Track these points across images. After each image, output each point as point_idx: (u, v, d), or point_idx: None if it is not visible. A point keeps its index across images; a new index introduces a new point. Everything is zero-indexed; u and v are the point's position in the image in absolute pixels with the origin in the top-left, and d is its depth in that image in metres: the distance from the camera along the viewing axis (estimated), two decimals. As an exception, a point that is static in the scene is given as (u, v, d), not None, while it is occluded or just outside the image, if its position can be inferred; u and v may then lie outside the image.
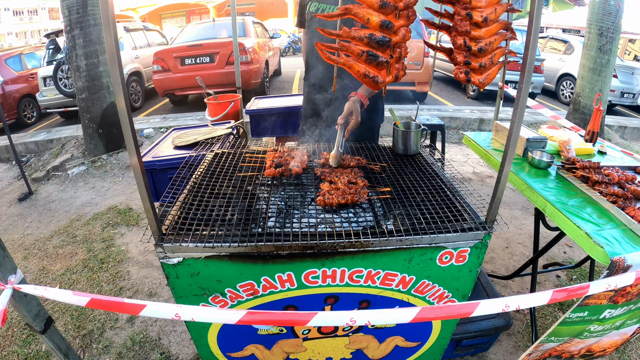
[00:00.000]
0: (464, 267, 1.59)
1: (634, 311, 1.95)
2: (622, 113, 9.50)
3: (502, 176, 1.38)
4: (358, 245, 1.40)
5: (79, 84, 5.55)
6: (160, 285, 3.17)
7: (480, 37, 1.34)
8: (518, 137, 1.27)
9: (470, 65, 1.35)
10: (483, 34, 1.34)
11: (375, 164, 1.97)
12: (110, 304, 1.07)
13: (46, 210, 4.57)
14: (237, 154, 2.16)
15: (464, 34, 1.32)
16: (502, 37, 1.42)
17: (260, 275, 1.48)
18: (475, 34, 1.33)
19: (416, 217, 1.54)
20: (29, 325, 1.34)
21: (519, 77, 1.23)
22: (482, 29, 1.34)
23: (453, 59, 1.38)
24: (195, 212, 1.58)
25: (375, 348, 1.94)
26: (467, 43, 1.32)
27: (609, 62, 6.24)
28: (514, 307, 1.09)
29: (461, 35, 1.33)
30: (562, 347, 2.15)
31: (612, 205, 1.89)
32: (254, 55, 8.26)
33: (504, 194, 1.36)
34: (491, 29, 1.36)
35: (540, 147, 2.41)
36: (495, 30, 1.40)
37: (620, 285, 1.42)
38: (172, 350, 2.60)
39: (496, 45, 1.40)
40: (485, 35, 1.34)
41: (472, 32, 1.32)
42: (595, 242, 1.65)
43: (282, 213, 1.60)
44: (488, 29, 1.35)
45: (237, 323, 0.98)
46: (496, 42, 1.39)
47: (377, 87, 1.36)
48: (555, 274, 3.34)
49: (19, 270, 1.27)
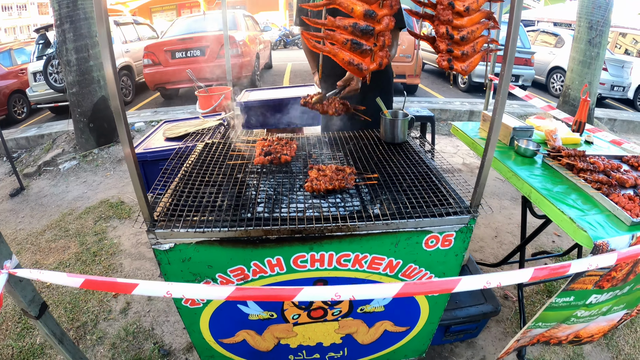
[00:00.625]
0: (449, 251, 1.63)
1: (620, 297, 1.98)
2: (612, 106, 9.60)
3: (486, 161, 1.42)
4: (345, 229, 1.43)
5: (69, 78, 5.53)
6: (152, 276, 3.20)
7: (462, 26, 1.37)
8: (501, 122, 1.30)
9: (452, 53, 1.38)
10: (465, 22, 1.37)
11: (361, 110, 2.00)
12: (104, 284, 1.10)
13: (38, 205, 4.56)
14: (228, 144, 2.19)
15: (446, 23, 1.35)
16: (484, 25, 1.45)
17: (250, 259, 1.51)
18: (457, 22, 1.36)
19: (402, 202, 1.57)
20: (24, 311, 1.36)
21: (501, 63, 1.27)
22: (464, 17, 1.37)
23: (436, 47, 1.41)
24: (186, 199, 1.61)
25: (365, 333, 1.98)
26: (449, 32, 1.35)
27: (599, 54, 6.30)
28: (494, 284, 1.12)
29: (443, 24, 1.36)
30: (550, 333, 2.18)
31: (597, 192, 1.91)
32: (245, 49, 8.25)
33: (494, 185, 1.39)
34: (473, 18, 1.39)
35: (527, 136, 2.45)
36: (477, 19, 1.43)
37: (601, 265, 1.45)
38: (165, 340, 2.62)
39: (478, 33, 1.43)
40: (467, 24, 1.38)
41: (454, 20, 1.35)
42: (579, 226, 1.67)
43: (271, 199, 1.63)
44: (470, 17, 1.38)
45: (226, 299, 1.00)
46: (478, 30, 1.43)
47: (361, 73, 1.39)
48: (544, 262, 3.39)
49: (14, 256, 1.29)
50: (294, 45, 20.71)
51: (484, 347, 2.58)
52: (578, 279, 1.71)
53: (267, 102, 3.09)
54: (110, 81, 1.11)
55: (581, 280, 1.74)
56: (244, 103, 3.09)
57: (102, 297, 3.00)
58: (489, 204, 4.13)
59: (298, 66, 13.54)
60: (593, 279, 1.75)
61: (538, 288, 3.08)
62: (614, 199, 1.84)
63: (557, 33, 11.03)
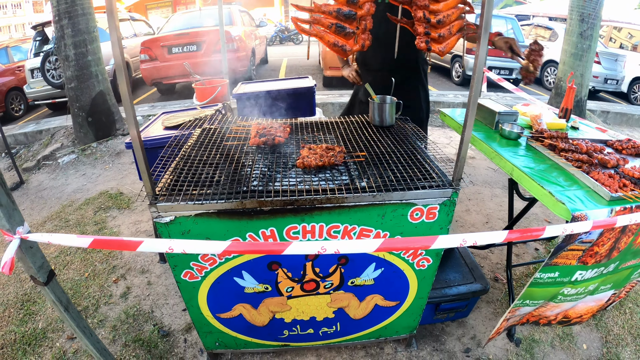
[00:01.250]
0: (434, 224, 1.72)
1: (606, 275, 2.04)
2: (605, 99, 9.70)
3: (465, 135, 1.50)
4: (334, 200, 1.53)
5: (67, 73, 5.59)
6: (152, 262, 3.28)
7: (439, 10, 1.46)
8: (479, 94, 1.39)
9: (430, 35, 1.47)
10: (441, 7, 1.46)
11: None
12: (112, 243, 1.19)
13: (38, 198, 4.63)
14: (224, 129, 2.28)
15: (423, 8, 1.44)
16: (460, 10, 1.54)
17: (246, 231, 1.60)
18: (433, 7, 1.45)
19: (388, 177, 1.67)
20: (32, 277, 1.44)
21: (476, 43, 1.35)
22: (440, 2, 1.46)
23: (414, 31, 1.50)
24: (185, 176, 1.70)
25: (356, 307, 2.07)
26: (426, 15, 1.44)
27: (590, 47, 6.39)
28: (470, 242, 1.21)
29: (420, 9, 1.45)
30: (538, 312, 2.25)
31: (577, 170, 1.96)
32: (241, 44, 8.34)
33: (486, 174, 1.47)
34: (449, 3, 1.49)
35: (512, 121, 2.54)
36: (453, 3, 1.52)
37: (576, 231, 1.52)
38: (164, 322, 2.71)
39: (454, 17, 1.52)
40: (443, 9, 1.47)
41: (431, 5, 1.45)
42: (557, 199, 1.71)
43: (265, 176, 1.72)
44: (446, 2, 1.48)
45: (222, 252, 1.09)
46: (454, 14, 1.52)
47: (345, 54, 1.49)
48: (534, 247, 3.49)
49: (26, 222, 1.38)
50: (290, 41, 20.76)
51: (474, 326, 2.66)
52: (559, 252, 1.76)
53: (263, 93, 3.17)
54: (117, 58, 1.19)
55: (564, 255, 1.79)
56: (239, 95, 3.18)
57: (102, 282, 3.08)
58: (481, 192, 4.27)
59: (294, 61, 13.61)
60: (576, 254, 1.80)
61: (528, 270, 3.17)
62: (594, 176, 1.89)
63: (550, 27, 11.13)
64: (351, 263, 1.81)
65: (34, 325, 2.75)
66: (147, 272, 3.18)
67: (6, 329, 2.72)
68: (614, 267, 2.01)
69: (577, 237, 1.70)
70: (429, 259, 1.88)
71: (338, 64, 8.34)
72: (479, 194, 4.32)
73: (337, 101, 7.04)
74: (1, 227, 1.33)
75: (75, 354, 2.51)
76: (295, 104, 3.08)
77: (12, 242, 1.27)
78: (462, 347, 2.50)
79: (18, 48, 9.37)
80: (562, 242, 1.72)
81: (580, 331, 2.63)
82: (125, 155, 5.54)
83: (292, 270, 1.81)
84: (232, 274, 1.79)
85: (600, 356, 2.46)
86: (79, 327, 1.60)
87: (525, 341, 2.53)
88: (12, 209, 1.31)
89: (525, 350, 2.47)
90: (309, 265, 1.78)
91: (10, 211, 1.30)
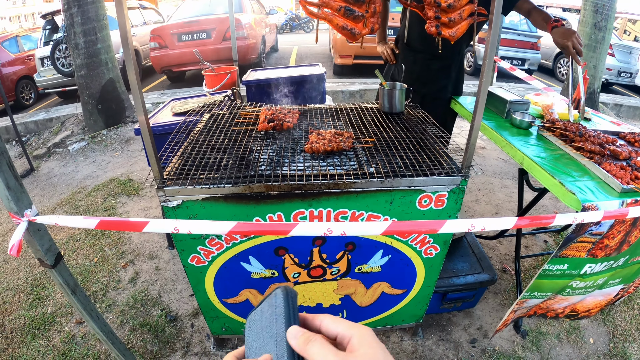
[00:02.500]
0: (443, 212, 1.70)
1: (616, 269, 2.01)
2: (619, 92, 9.55)
3: (475, 122, 1.48)
4: (342, 185, 1.52)
5: (77, 61, 5.61)
6: (160, 248, 3.30)
7: (449, -6, 1.43)
8: (490, 79, 1.37)
9: (440, 20, 1.44)
10: (451, -8, 1.43)
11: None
12: (118, 224, 1.19)
13: (48, 185, 4.68)
14: (233, 114, 2.27)
15: (433, -8, 1.42)
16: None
17: (253, 216, 1.60)
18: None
19: (397, 163, 1.65)
20: (40, 260, 1.46)
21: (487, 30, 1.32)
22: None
23: (425, 15, 1.47)
24: (193, 160, 1.70)
25: (363, 294, 2.07)
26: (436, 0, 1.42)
27: (604, 39, 6.29)
28: (479, 228, 1.20)
29: (431, -7, 1.42)
30: (546, 305, 2.23)
31: (589, 160, 1.94)
32: (251, 31, 8.33)
33: (496, 165, 1.45)
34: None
35: (523, 110, 2.51)
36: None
37: (587, 220, 1.50)
38: (172, 307, 2.73)
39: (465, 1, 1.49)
40: (453, -7, 1.44)
41: (441, -11, 1.42)
42: (568, 189, 1.69)
43: (273, 160, 1.71)
44: (456, -14, 1.44)
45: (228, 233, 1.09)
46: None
47: (354, 38, 1.47)
48: (543, 239, 3.46)
49: (34, 205, 1.39)
50: (301, 29, 20.65)
51: (481, 317, 2.66)
52: (569, 244, 1.75)
53: (272, 80, 3.16)
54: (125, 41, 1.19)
55: (573, 247, 1.76)
56: (249, 82, 3.17)
57: (111, 267, 3.12)
58: (491, 182, 4.24)
59: (304, 49, 13.54)
60: (586, 247, 1.78)
61: (536, 262, 3.15)
62: (605, 168, 1.85)
63: (564, 18, 10.93)
64: (358, 249, 1.80)
65: (43, 310, 2.78)
66: (156, 258, 3.21)
67: (16, 314, 2.76)
68: (623, 261, 1.99)
69: (587, 228, 1.67)
70: (436, 247, 1.87)
71: (349, 52, 8.33)
72: (488, 184, 4.29)
73: (347, 89, 7.00)
74: (9, 210, 1.34)
75: (84, 337, 2.54)
76: (305, 91, 3.07)
77: (20, 225, 1.28)
78: (468, 338, 2.50)
79: (28, 37, 9.41)
80: (572, 234, 1.70)
81: (587, 325, 2.62)
82: (134, 143, 5.57)
83: (299, 256, 1.81)
84: (239, 259, 1.79)
85: (607, 351, 2.44)
86: (86, 310, 1.61)
87: (532, 333, 2.52)
88: (20, 192, 1.31)
89: (531, 343, 2.46)
90: (315, 251, 1.78)
91: (18, 194, 1.31)
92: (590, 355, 2.41)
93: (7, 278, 3.10)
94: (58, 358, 2.40)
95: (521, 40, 9.35)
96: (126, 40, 1.19)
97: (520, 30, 9.39)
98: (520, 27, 9.49)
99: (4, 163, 1.25)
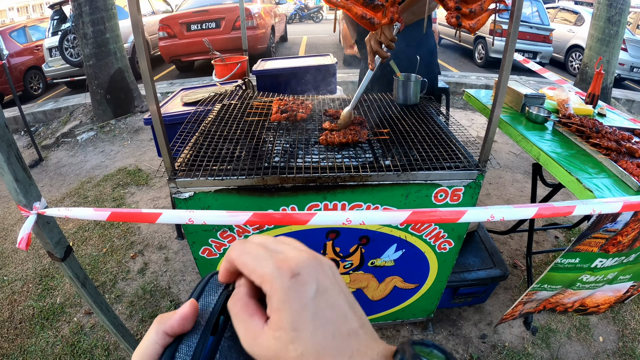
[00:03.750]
0: (458, 206, 1.68)
1: (626, 265, 1.99)
2: (631, 88, 9.42)
3: (494, 117, 1.45)
4: (358, 178, 1.49)
5: (86, 51, 5.60)
6: (169, 239, 3.30)
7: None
8: (509, 76, 1.34)
9: (460, 10, 1.40)
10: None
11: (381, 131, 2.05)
12: (130, 215, 1.17)
13: (57, 175, 4.69)
14: (245, 104, 2.25)
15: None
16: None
17: (266, 208, 1.58)
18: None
19: (413, 156, 1.62)
20: (49, 253, 1.44)
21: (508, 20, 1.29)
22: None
23: (445, 5, 1.43)
24: (205, 151, 1.68)
25: (375, 288, 2.05)
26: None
27: (618, 33, 6.20)
28: (499, 217, 1.17)
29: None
30: (555, 299, 2.21)
31: (605, 157, 1.92)
32: (260, 21, 8.31)
33: (507, 158, 1.42)
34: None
35: (538, 104, 2.46)
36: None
37: (605, 211, 1.47)
38: (181, 298, 2.73)
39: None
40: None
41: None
42: (585, 187, 1.69)
43: (287, 152, 1.69)
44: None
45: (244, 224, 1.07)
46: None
47: (373, 27, 1.43)
48: (554, 235, 3.43)
49: (43, 198, 1.37)
50: (310, 19, 20.57)
51: (491, 312, 2.64)
52: (583, 240, 1.74)
53: (283, 70, 3.13)
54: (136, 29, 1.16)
55: (587, 242, 1.75)
56: (259, 71, 3.14)
57: (120, 258, 3.12)
58: (502, 177, 4.19)
59: (313, 39, 13.48)
60: (599, 242, 1.76)
61: (547, 258, 3.12)
62: (622, 165, 1.84)
63: (577, 11, 10.77)
64: (372, 243, 1.78)
65: (52, 300, 2.79)
66: (165, 249, 3.21)
67: (25, 304, 2.77)
68: (634, 257, 1.97)
69: (602, 225, 1.65)
70: (450, 242, 1.84)
71: (360, 43, 8.25)
72: (500, 179, 4.25)
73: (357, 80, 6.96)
74: (18, 203, 1.32)
75: (93, 328, 2.55)
76: (315, 81, 3.03)
77: (29, 218, 1.27)
78: (478, 333, 2.48)
79: (36, 27, 9.42)
80: (587, 230, 1.68)
81: (597, 323, 2.60)
82: (143, 132, 5.57)
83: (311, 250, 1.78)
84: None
85: (616, 350, 2.42)
86: (95, 303, 1.60)
87: (541, 330, 2.51)
88: (29, 184, 1.30)
89: (541, 340, 2.45)
90: (329, 245, 1.76)
91: (27, 186, 1.29)
92: (599, 354, 2.39)
93: (16, 268, 3.11)
94: (67, 349, 2.41)
95: (533, 32, 9.23)
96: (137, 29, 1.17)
97: (532, 23, 9.26)
98: (533, 20, 9.36)
99: (12, 155, 1.24)
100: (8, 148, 1.22)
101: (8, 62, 8.12)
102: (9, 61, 8.15)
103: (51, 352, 2.40)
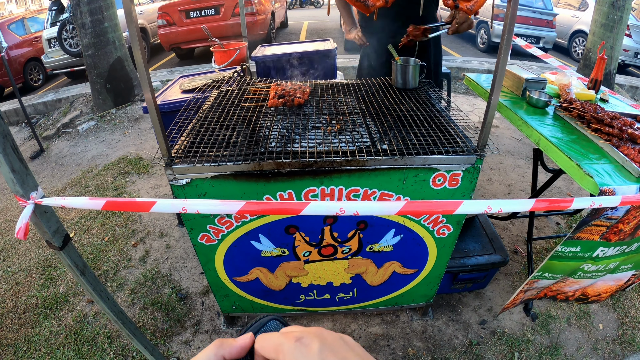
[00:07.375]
0: (457, 191, 1.67)
1: (628, 254, 1.98)
2: (635, 74, 9.32)
3: (492, 101, 1.43)
4: (354, 163, 1.48)
5: (84, 41, 5.57)
6: (170, 226, 3.31)
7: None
8: (507, 58, 1.32)
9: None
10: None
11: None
12: (125, 204, 1.17)
13: (58, 165, 4.69)
14: (242, 90, 2.24)
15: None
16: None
17: (263, 194, 1.58)
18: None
19: (411, 140, 1.61)
20: (48, 242, 1.44)
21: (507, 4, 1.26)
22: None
23: (443, -14, 1.41)
24: (202, 137, 1.67)
25: (374, 273, 2.05)
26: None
27: (622, 18, 6.11)
28: (496, 209, 1.16)
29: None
30: (557, 287, 2.21)
31: (606, 143, 1.89)
32: (260, 7, 8.28)
33: (509, 144, 1.40)
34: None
35: (539, 88, 2.44)
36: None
37: (604, 205, 1.47)
38: (182, 285, 2.75)
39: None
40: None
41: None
42: (585, 172, 1.66)
43: (284, 137, 1.68)
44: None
45: (237, 212, 1.07)
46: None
47: (367, 10, 1.42)
48: (556, 221, 3.42)
49: (40, 187, 1.37)
50: (310, 5, 20.41)
51: (491, 298, 2.64)
52: (583, 227, 1.72)
53: (283, 56, 3.11)
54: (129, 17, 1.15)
55: (587, 230, 1.74)
56: (259, 57, 3.12)
57: (122, 246, 3.13)
58: (504, 162, 4.17)
59: (314, 25, 13.37)
60: (600, 230, 1.75)
61: (548, 245, 3.11)
62: (623, 151, 1.82)
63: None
64: (370, 228, 1.78)
65: (55, 290, 2.81)
66: (166, 236, 3.22)
67: (28, 294, 2.79)
68: (636, 247, 1.95)
69: (602, 212, 1.64)
70: (449, 227, 1.84)
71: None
72: (501, 164, 4.23)
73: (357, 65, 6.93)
74: (15, 193, 1.32)
75: (95, 316, 2.57)
76: (316, 67, 3.02)
77: (27, 208, 1.27)
78: (478, 319, 2.49)
79: (34, 19, 9.37)
80: (587, 217, 1.67)
81: (597, 310, 2.60)
82: (144, 121, 5.56)
83: (309, 234, 1.79)
84: (249, 237, 1.78)
85: (616, 337, 2.42)
86: (95, 291, 1.60)
87: (541, 317, 2.51)
88: (26, 175, 1.29)
89: (541, 326, 2.45)
90: (327, 230, 1.76)
91: (23, 177, 1.29)
92: (599, 341, 2.39)
93: (19, 259, 3.13)
94: (70, 337, 2.43)
95: (536, 17, 9.12)
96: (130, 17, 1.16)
97: (536, 7, 9.15)
98: (536, 4, 9.24)
99: (8, 146, 1.23)
100: (4, 139, 1.21)
101: (7, 54, 8.09)
102: (8, 53, 8.12)
103: (55, 341, 2.42)
